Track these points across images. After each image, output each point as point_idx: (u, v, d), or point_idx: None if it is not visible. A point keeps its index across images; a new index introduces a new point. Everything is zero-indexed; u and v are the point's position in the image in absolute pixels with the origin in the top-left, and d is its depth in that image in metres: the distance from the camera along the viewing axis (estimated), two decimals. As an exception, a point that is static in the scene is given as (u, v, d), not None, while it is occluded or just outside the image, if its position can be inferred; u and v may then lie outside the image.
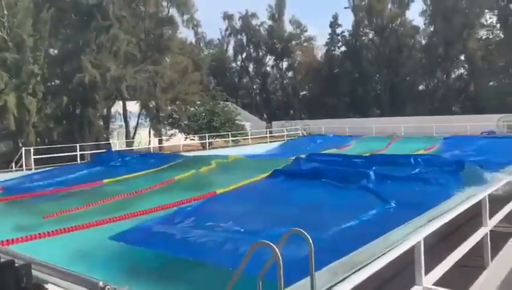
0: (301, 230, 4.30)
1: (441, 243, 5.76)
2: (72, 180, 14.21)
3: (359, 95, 53.93)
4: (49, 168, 17.26)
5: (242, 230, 7.71)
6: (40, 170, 17.28)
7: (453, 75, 51.06)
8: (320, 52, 61.88)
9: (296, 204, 9.44)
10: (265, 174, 11.96)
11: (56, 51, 30.27)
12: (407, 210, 8.40)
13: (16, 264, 2.53)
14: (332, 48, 58.52)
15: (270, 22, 60.32)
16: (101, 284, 2.77)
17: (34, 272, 2.89)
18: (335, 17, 57.14)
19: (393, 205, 8.91)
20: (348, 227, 7.66)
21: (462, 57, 49.08)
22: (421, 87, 53.69)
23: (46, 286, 2.38)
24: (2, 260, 2.74)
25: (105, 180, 13.31)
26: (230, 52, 64.47)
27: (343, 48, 57.64)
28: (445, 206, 7.41)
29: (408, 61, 51.34)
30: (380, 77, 52.97)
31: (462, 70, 50.89)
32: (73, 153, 20.52)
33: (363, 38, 54.74)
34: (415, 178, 11.15)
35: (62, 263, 4.05)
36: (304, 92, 63.69)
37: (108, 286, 2.77)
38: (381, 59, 51.18)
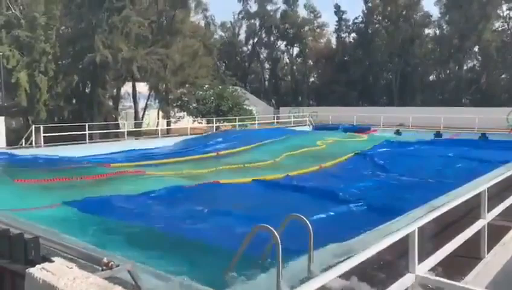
0: (300, 215, 4.43)
1: (439, 234, 5.86)
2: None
3: (369, 84, 53.49)
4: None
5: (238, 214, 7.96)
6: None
7: (465, 67, 50.37)
8: (331, 39, 61.33)
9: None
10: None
11: (68, 30, 30.34)
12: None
13: (25, 237, 2.67)
14: (342, 35, 57.92)
15: (284, 7, 59.67)
16: (105, 259, 2.91)
17: (42, 246, 3.04)
18: (337, 6, 56.66)
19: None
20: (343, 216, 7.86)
21: (476, 49, 48.33)
22: (431, 78, 53.10)
23: (53, 258, 2.52)
24: (11, 233, 2.88)
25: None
26: (242, 36, 64.03)
27: (354, 35, 57.04)
28: (445, 198, 7.50)
29: (420, 50, 50.66)
30: (391, 66, 52.43)
31: (474, 62, 50.18)
32: (83, 132, 20.73)
33: (376, 25, 54.04)
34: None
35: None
36: (313, 79, 63.32)
37: (112, 262, 2.91)
38: (393, 48, 50.55)
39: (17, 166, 13.37)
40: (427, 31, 51.84)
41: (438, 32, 51.23)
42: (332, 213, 8.16)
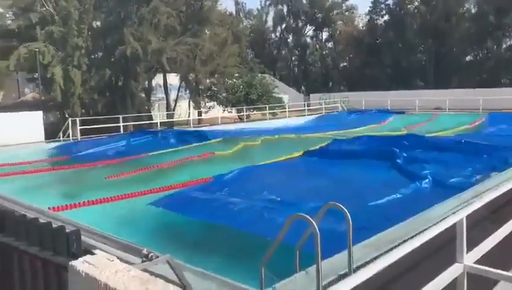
0: (339, 204, 4.30)
1: (485, 220, 5.60)
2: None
3: (402, 67, 52.01)
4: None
5: (278, 200, 7.82)
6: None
7: (504, 45, 48.14)
8: (361, 22, 59.91)
9: (331, 181, 9.47)
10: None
11: (99, 23, 30.85)
12: (445, 188, 8.26)
13: (67, 231, 2.68)
14: (376, 17, 56.40)
15: (312, -10, 58.73)
16: (144, 251, 2.90)
17: (83, 238, 3.05)
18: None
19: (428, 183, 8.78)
20: (384, 204, 7.60)
21: (516, 26, 46.11)
22: (468, 58, 51.10)
23: (95, 251, 2.52)
24: (53, 226, 2.91)
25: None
26: (269, 23, 63.48)
27: (386, 17, 55.48)
28: (491, 182, 7.16)
29: (456, 30, 48.68)
30: (425, 48, 50.73)
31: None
32: (117, 124, 21.15)
33: (409, 6, 52.32)
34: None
35: (105, 227, 4.25)
36: (344, 64, 62.17)
37: (152, 253, 2.90)
38: (427, 28, 48.82)
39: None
40: (462, 9, 49.78)
41: (474, 9, 49.12)
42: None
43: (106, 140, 17.90)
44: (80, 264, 2.33)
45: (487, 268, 3.47)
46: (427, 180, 8.75)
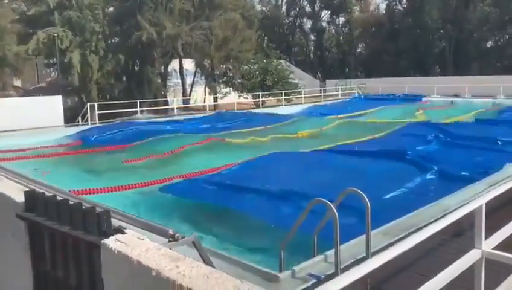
0: (357, 190, 4.37)
1: (504, 208, 5.60)
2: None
3: (420, 53, 51.04)
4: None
5: (290, 190, 7.89)
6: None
7: (526, 31, 46.90)
8: (379, 7, 58.85)
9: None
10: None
11: (112, 9, 30.91)
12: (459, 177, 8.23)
13: (97, 211, 2.80)
14: (394, 2, 55.32)
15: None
16: (170, 231, 3.01)
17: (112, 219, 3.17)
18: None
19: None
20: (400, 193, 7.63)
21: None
22: (489, 44, 49.90)
23: (125, 230, 2.63)
24: (84, 207, 3.03)
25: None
26: (283, 8, 62.70)
27: (404, 2, 54.32)
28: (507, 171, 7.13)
29: (475, 15, 47.49)
30: (444, 33, 49.66)
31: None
32: (134, 109, 21.37)
33: (427, -10, 51.12)
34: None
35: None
36: (361, 50, 61.30)
37: (178, 234, 3.01)
38: (446, 14, 47.72)
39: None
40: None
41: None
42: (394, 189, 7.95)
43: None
44: (112, 242, 2.45)
45: (506, 254, 3.50)
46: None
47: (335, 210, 4.01)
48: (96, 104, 20.50)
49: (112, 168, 11.15)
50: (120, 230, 2.64)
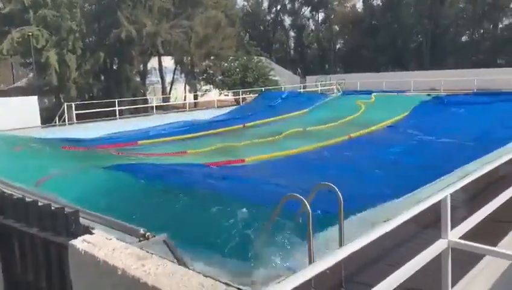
0: (329, 183, 4.44)
1: (473, 199, 5.76)
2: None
3: (398, 48, 51.76)
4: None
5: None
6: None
7: (500, 25, 47.92)
8: (358, 3, 59.31)
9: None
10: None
11: (92, 7, 30.51)
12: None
13: (66, 211, 2.79)
14: (371, -2, 55.93)
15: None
16: (141, 231, 3.02)
17: (81, 220, 3.17)
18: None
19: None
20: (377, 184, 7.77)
21: (512, 5, 45.82)
22: (464, 39, 50.88)
23: (93, 231, 2.63)
24: (53, 208, 3.02)
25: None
26: (265, 4, 62.73)
27: (382, -3, 54.98)
28: (480, 162, 7.33)
29: (451, 10, 48.35)
30: (421, 28, 50.44)
31: (511, 20, 47.60)
32: (112, 109, 21.14)
33: (405, -14, 51.83)
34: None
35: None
36: (340, 46, 61.77)
37: (148, 233, 3.02)
38: (423, 9, 48.50)
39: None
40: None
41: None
42: (364, 182, 8.10)
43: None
44: (79, 243, 2.45)
45: (471, 243, 3.61)
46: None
47: (308, 205, 4.09)
48: (73, 104, 20.19)
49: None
50: (88, 230, 2.64)
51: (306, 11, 61.37)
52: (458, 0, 49.07)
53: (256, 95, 29.18)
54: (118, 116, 21.10)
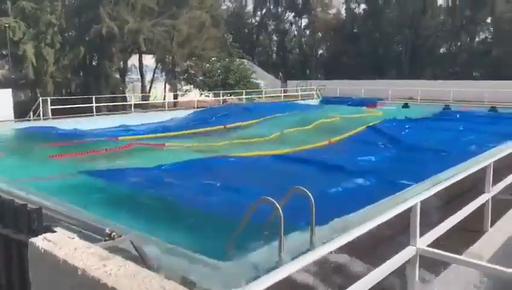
0: (302, 188, 4.45)
1: (442, 207, 5.86)
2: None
3: (378, 56, 52.62)
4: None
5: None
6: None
7: (477, 39, 49.25)
8: (341, 10, 60.04)
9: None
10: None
11: (72, 1, 29.99)
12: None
13: (28, 208, 2.70)
14: (353, 6, 56.66)
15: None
16: (107, 230, 2.95)
17: (48, 216, 3.08)
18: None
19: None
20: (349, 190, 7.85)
21: (489, 20, 47.12)
22: (442, 50, 52.09)
23: (55, 229, 2.56)
24: (15, 204, 2.92)
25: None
26: (249, 7, 62.90)
27: (364, 6, 55.80)
28: (450, 172, 7.46)
29: (431, 22, 49.50)
30: (401, 38, 51.41)
31: (486, 34, 49.00)
32: (90, 105, 20.78)
33: (387, -4, 52.75)
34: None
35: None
36: (322, 52, 62.37)
37: (114, 233, 2.95)
38: (404, 19, 49.45)
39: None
40: (439, 2, 50.60)
41: (450, 2, 49.93)
42: (337, 188, 8.16)
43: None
44: (40, 241, 2.37)
45: (438, 251, 3.66)
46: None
47: (280, 209, 4.08)
48: (49, 98, 19.75)
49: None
50: (50, 228, 2.56)
51: (290, 16, 61.82)
52: (439, 12, 50.24)
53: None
54: (95, 113, 20.75)
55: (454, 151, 11.23)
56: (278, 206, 4.10)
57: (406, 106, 27.08)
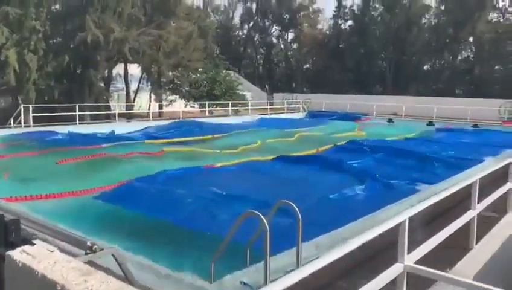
0: (289, 202, 4.39)
1: (429, 224, 5.86)
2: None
3: (363, 72, 53.38)
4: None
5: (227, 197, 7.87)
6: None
7: (459, 57, 50.41)
8: (326, 26, 60.93)
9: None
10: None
11: (59, 8, 29.67)
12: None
13: (6, 219, 2.58)
14: (340, 22, 57.54)
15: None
16: (88, 243, 2.84)
17: (27, 228, 2.95)
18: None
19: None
20: (336, 205, 7.81)
21: (471, 39, 48.33)
22: (426, 67, 53.12)
23: (34, 241, 2.44)
24: (-8, 214, 2.79)
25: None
26: (236, 20, 63.37)
27: (350, 22, 56.71)
28: (436, 187, 7.51)
29: (416, 39, 50.52)
30: (386, 54, 52.30)
31: (469, 53, 50.22)
32: (73, 113, 20.48)
33: (372, 13, 53.71)
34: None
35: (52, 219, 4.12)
36: (308, 66, 63.02)
37: (96, 246, 2.84)
38: (389, 36, 50.39)
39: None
40: (423, 20, 51.69)
41: (434, 21, 51.11)
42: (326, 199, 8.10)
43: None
44: (17, 254, 2.25)
45: (426, 268, 3.63)
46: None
47: (266, 223, 4.00)
48: (31, 106, 19.41)
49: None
50: (29, 241, 2.44)
51: (276, 30, 62.48)
52: (423, 30, 51.32)
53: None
54: (78, 121, 20.44)
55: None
56: (264, 220, 4.02)
57: (390, 121, 27.41)
